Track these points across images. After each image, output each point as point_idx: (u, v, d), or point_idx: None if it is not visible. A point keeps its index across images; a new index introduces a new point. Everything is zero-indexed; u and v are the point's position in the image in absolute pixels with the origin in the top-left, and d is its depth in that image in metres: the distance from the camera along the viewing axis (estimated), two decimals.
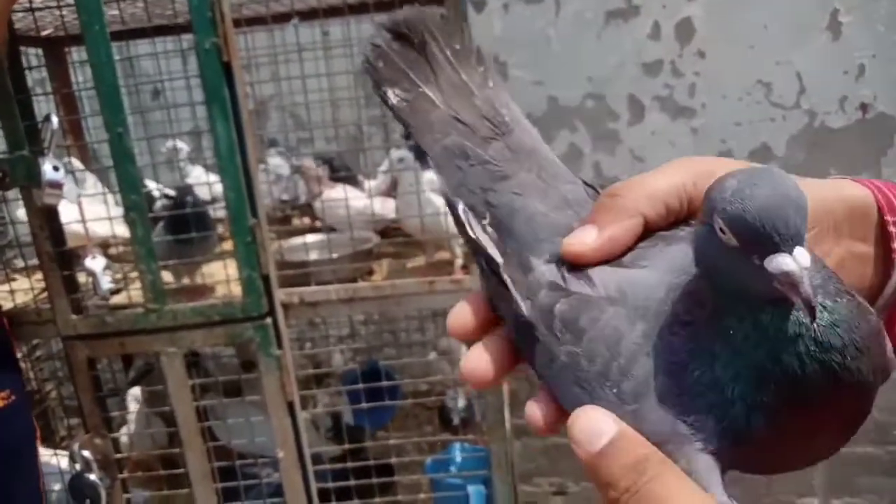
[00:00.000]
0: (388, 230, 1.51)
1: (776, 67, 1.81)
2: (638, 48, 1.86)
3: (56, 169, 1.10)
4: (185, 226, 1.25)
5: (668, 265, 0.31)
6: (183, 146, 1.70)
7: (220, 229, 1.46)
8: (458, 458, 1.72)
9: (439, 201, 1.32)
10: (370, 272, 1.37)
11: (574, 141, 1.98)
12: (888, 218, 0.35)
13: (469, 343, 0.36)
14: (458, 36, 0.37)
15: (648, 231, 0.34)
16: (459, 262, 1.34)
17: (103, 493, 1.23)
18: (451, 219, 1.30)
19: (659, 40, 1.84)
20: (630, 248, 0.34)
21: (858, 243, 0.35)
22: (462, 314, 0.36)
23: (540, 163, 0.37)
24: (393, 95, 0.37)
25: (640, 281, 0.32)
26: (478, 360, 0.35)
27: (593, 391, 0.30)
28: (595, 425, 0.27)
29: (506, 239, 0.36)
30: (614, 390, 0.29)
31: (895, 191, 0.36)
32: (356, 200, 1.37)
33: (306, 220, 1.69)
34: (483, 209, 0.36)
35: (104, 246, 1.51)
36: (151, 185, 1.56)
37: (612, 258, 0.33)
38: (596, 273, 0.33)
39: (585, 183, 0.37)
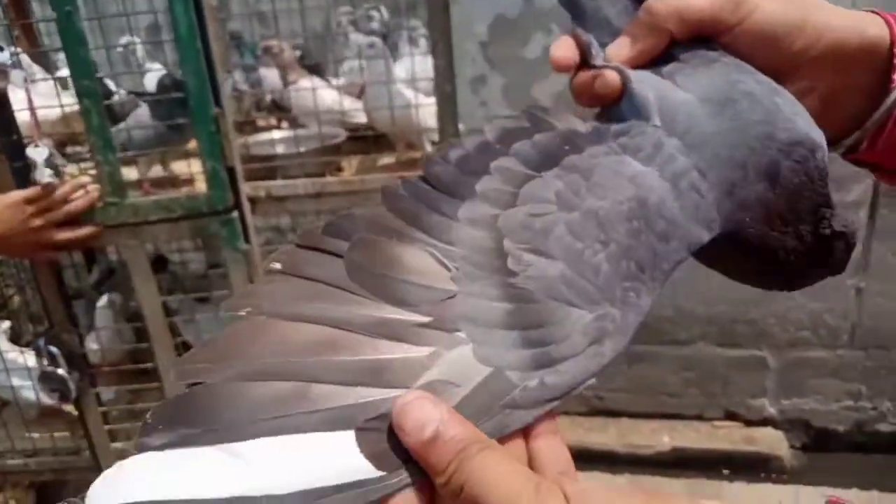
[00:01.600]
0: (358, 127, 1.47)
1: None
2: None
3: (0, 49, 1.03)
4: (173, 111, 1.19)
5: (703, 91, 0.37)
6: (139, 40, 1.62)
7: None
8: None
9: (409, 94, 1.28)
10: (339, 168, 1.34)
11: (549, 44, 1.92)
12: None
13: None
14: None
15: (672, 42, 0.40)
16: None
17: (73, 387, 1.22)
18: (421, 112, 1.24)
19: None
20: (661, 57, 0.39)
21: (860, 75, 0.40)
22: (564, 43, 0.40)
23: None
24: None
25: (679, 103, 0.37)
26: (567, 48, 0.39)
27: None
28: (422, 416, 0.27)
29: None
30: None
31: None
32: (326, 91, 1.32)
33: (272, 122, 1.63)
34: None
35: (62, 144, 1.45)
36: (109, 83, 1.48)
37: (645, 66, 0.39)
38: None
39: None
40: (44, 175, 1.08)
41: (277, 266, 0.32)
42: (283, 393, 0.28)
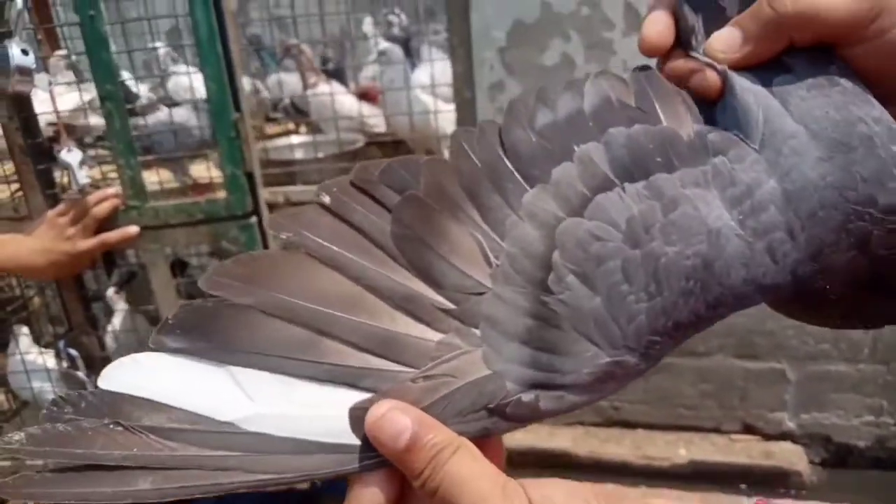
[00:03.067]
0: (375, 133, 1.47)
1: None
2: None
3: (25, 53, 1.04)
4: None
5: (817, 125, 0.32)
6: (163, 47, 1.63)
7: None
8: None
9: (428, 100, 1.28)
10: None
11: (566, 50, 1.92)
12: None
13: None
14: None
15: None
16: None
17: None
18: (440, 118, 1.24)
19: None
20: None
21: None
22: (659, 23, 0.36)
23: None
24: None
25: (788, 135, 0.32)
26: (664, 27, 0.35)
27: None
28: (395, 426, 0.28)
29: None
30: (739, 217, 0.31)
31: None
32: (344, 97, 1.32)
33: (291, 127, 1.64)
34: None
35: (83, 144, 1.47)
36: (130, 82, 1.50)
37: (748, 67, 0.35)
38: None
39: None
40: (82, 178, 1.09)
41: (326, 200, 0.32)
42: (298, 337, 0.29)
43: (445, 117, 1.25)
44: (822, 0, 0.32)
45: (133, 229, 1.16)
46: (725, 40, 0.34)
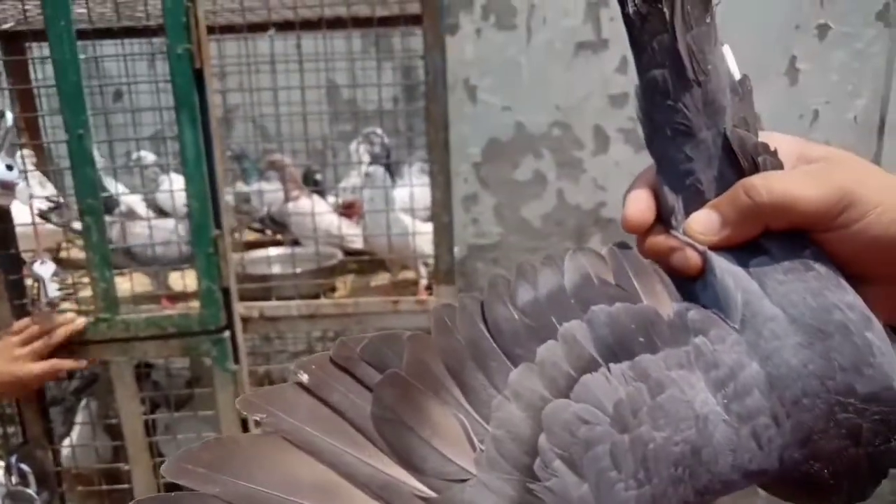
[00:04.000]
0: (353, 250, 1.50)
1: None
2: (605, 80, 1.90)
3: (10, 168, 1.05)
4: None
5: (795, 311, 0.33)
6: (148, 155, 1.65)
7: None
8: None
9: (407, 221, 1.32)
10: (333, 289, 1.35)
11: (539, 167, 2.01)
12: None
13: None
14: None
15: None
16: (424, 282, 1.33)
17: None
18: (418, 239, 1.26)
19: (626, 74, 1.89)
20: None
21: None
22: (641, 201, 0.37)
23: (717, 123, 0.37)
24: (630, 3, 0.36)
25: (767, 318, 0.33)
26: (645, 207, 0.37)
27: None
28: None
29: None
30: (724, 401, 0.31)
31: None
32: (326, 215, 1.35)
33: (268, 233, 1.65)
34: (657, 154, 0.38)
35: (54, 249, 1.46)
36: (112, 188, 1.51)
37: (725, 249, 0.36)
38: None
39: (726, 137, 0.36)
40: (53, 291, 1.08)
41: (304, 379, 0.31)
42: None
43: (424, 238, 1.28)
44: (795, 192, 0.34)
45: (83, 363, 1.15)
46: (704, 223, 0.35)
